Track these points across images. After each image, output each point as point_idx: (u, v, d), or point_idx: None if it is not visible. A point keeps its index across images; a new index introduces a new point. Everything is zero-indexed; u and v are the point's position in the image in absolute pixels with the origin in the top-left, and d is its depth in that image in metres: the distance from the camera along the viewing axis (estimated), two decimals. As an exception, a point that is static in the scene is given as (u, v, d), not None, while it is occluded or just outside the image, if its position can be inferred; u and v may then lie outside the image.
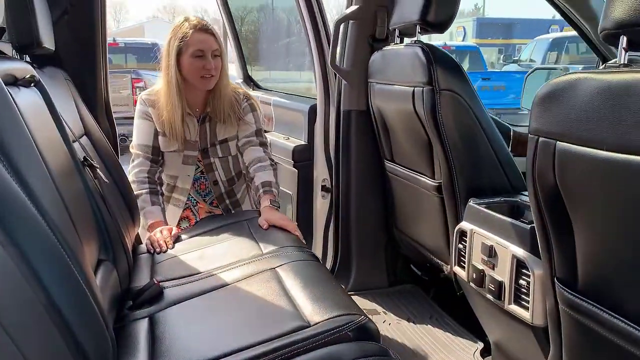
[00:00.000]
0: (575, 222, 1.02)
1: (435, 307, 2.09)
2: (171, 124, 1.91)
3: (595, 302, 1.01)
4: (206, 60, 1.88)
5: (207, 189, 2.10)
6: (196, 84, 1.91)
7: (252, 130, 2.03)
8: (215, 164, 2.04)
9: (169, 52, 1.88)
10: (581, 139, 0.93)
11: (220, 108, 1.96)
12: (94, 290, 0.97)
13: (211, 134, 2.01)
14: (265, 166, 1.97)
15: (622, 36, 0.90)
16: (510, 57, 14.80)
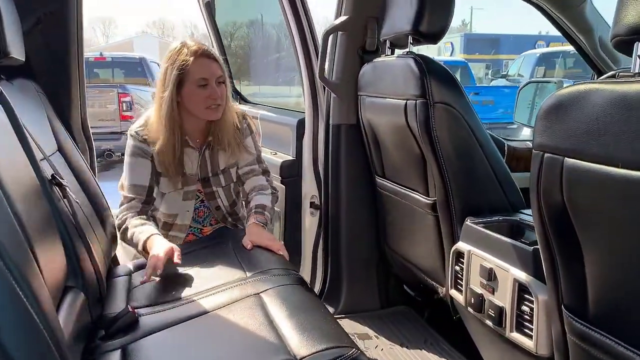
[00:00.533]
0: (585, 244, 0.94)
1: (430, 331, 1.99)
2: (172, 162, 1.75)
3: (608, 334, 0.93)
4: (211, 89, 1.71)
5: (205, 215, 1.94)
6: (201, 115, 1.75)
7: (252, 158, 1.90)
8: (218, 192, 1.90)
9: (165, 82, 1.69)
10: (593, 155, 0.85)
11: (224, 136, 1.81)
12: (52, 324, 0.86)
13: (213, 164, 1.86)
14: (265, 192, 1.88)
15: (637, 43, 0.82)
16: (499, 72, 14.92)
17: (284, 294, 1.40)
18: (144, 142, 1.75)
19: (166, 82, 1.69)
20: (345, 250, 2.19)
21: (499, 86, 11.45)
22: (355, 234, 2.18)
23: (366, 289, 2.21)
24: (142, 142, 1.75)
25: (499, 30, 37.47)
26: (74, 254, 1.21)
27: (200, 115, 1.75)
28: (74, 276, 1.21)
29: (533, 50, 13.12)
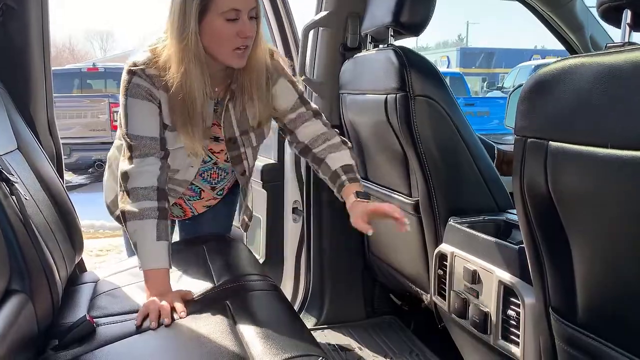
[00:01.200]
0: (573, 237, 0.84)
1: (416, 341, 1.89)
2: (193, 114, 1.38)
3: (599, 337, 0.83)
4: (242, 24, 1.31)
5: (219, 177, 1.61)
6: (223, 58, 1.35)
7: (294, 99, 1.51)
8: (246, 154, 1.55)
9: (184, 12, 1.29)
10: (579, 137, 0.76)
11: (253, 85, 1.43)
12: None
13: (241, 119, 1.48)
14: (337, 145, 1.49)
15: (626, 10, 0.74)
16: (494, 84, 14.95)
17: (253, 302, 1.30)
18: (152, 83, 1.37)
19: (185, 11, 1.30)
20: (329, 257, 2.10)
21: (494, 97, 11.44)
22: (338, 240, 2.09)
23: (350, 298, 2.11)
24: (150, 84, 1.36)
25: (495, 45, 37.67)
26: (19, 254, 1.12)
27: (221, 58, 1.36)
28: (20, 278, 1.11)
29: (528, 62, 13.16)
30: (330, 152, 1.48)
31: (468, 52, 21.48)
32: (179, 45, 1.31)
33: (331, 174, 1.46)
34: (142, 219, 1.33)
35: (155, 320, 1.21)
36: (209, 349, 1.07)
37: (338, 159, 1.47)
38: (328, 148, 1.49)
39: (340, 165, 1.45)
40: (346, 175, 1.43)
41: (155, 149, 1.38)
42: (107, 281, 1.58)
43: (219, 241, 1.73)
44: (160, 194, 1.37)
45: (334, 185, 1.46)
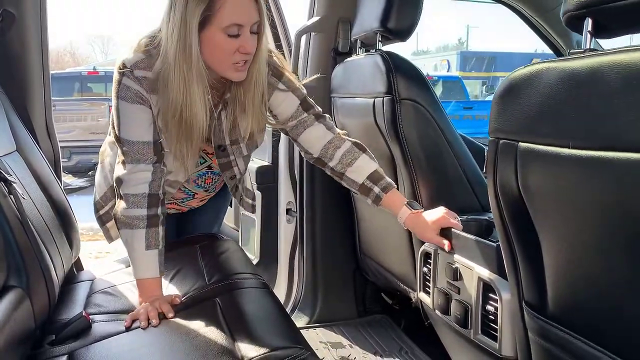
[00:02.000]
0: (542, 234, 0.89)
1: (405, 339, 1.93)
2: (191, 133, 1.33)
3: (567, 329, 0.87)
4: (244, 40, 1.26)
5: (212, 181, 1.63)
6: (223, 72, 1.31)
7: (295, 105, 1.47)
8: (236, 161, 1.54)
9: (185, 23, 1.22)
10: (544, 137, 0.81)
11: (246, 97, 1.38)
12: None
13: (233, 129, 1.45)
14: (350, 152, 1.44)
15: (587, 18, 0.78)
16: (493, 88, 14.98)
17: (242, 299, 1.34)
18: (141, 85, 1.31)
19: (187, 22, 1.22)
20: (322, 257, 2.14)
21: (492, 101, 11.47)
22: (331, 241, 2.13)
23: (343, 298, 2.15)
24: (139, 86, 1.31)
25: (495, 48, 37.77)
26: (17, 251, 1.16)
27: (219, 71, 1.32)
28: (17, 275, 1.15)
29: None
30: (348, 164, 1.43)
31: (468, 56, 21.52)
32: (179, 59, 1.24)
33: (359, 187, 1.42)
34: (131, 229, 1.34)
35: (145, 321, 1.24)
36: (197, 342, 1.12)
37: (360, 170, 1.42)
38: (342, 158, 1.44)
39: (366, 176, 1.41)
40: (378, 186, 1.40)
41: (148, 154, 1.35)
42: (103, 280, 1.62)
43: (212, 241, 1.77)
44: (152, 201, 1.36)
45: (367, 197, 1.42)
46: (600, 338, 0.80)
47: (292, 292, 2.22)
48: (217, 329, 1.17)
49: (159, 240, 1.37)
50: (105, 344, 1.21)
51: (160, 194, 1.40)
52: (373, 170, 1.42)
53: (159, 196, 1.39)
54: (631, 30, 0.78)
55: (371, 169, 1.42)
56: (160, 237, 1.37)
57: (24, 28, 1.69)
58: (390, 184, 1.41)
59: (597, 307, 0.81)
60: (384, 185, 1.40)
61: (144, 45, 1.33)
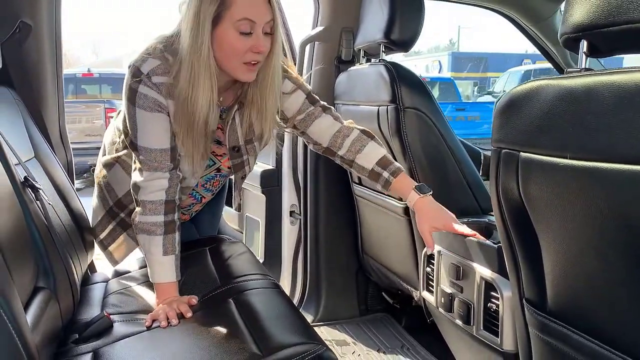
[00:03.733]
0: (542, 237, 0.96)
1: (407, 337, 2.01)
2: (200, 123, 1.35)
3: (566, 324, 0.95)
4: (256, 38, 1.28)
5: (219, 184, 1.68)
6: (232, 71, 1.33)
7: (302, 100, 1.50)
8: (248, 160, 1.57)
9: (198, 19, 1.24)
10: (544, 148, 0.88)
11: (261, 100, 1.40)
12: (19, 323, 0.87)
13: (247, 129, 1.47)
14: (359, 139, 1.47)
15: (583, 40, 0.86)
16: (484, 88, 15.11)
17: (256, 298, 1.41)
18: (159, 92, 1.33)
19: (201, 18, 1.25)
20: (325, 258, 2.21)
21: (484, 102, 11.60)
22: (334, 242, 2.20)
23: (345, 297, 2.23)
24: (157, 92, 1.33)
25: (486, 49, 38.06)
26: (45, 255, 1.22)
27: (228, 70, 1.33)
28: (45, 277, 1.21)
29: (518, 67, 13.33)
30: (357, 151, 1.46)
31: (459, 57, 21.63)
32: (191, 54, 1.27)
33: (369, 173, 1.45)
34: (149, 235, 1.38)
35: (165, 321, 1.30)
36: (218, 339, 1.18)
37: (368, 156, 1.44)
38: (351, 146, 1.46)
39: (376, 161, 1.43)
40: (387, 171, 1.42)
41: (165, 161, 1.38)
42: (117, 281, 1.69)
43: (221, 243, 1.84)
44: (168, 207, 1.40)
45: (377, 183, 1.45)
46: (597, 332, 0.88)
47: (295, 292, 2.29)
48: (236, 327, 1.23)
49: (176, 246, 1.42)
50: (128, 342, 1.27)
51: (177, 200, 1.44)
52: (382, 155, 1.44)
53: (175, 202, 1.43)
54: (621, 51, 0.86)
55: (380, 154, 1.44)
56: (176, 242, 1.42)
57: (39, 38, 1.75)
58: (399, 168, 1.43)
59: (593, 303, 0.88)
60: (393, 169, 1.42)
61: (159, 51, 1.34)
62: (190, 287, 1.53)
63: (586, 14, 0.83)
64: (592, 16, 0.82)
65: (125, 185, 1.56)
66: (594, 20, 0.82)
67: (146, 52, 1.36)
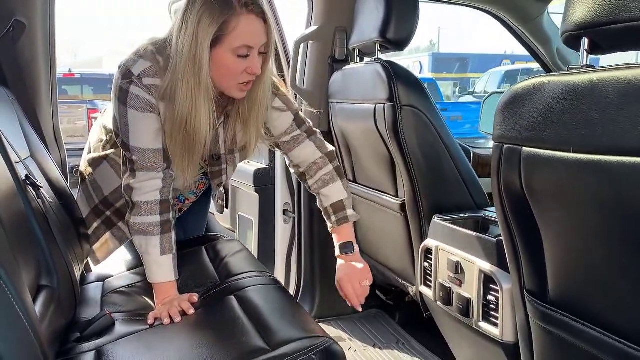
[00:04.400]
0: (544, 229, 0.99)
1: (401, 332, 2.03)
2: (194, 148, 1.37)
3: (567, 313, 0.98)
4: (252, 60, 1.29)
5: (204, 187, 1.71)
6: (226, 89, 1.35)
7: (289, 121, 1.53)
8: (227, 169, 1.59)
9: (197, 41, 1.24)
10: (547, 143, 0.91)
11: (248, 113, 1.42)
12: (32, 319, 0.87)
13: (229, 139, 1.50)
14: (329, 176, 1.54)
15: (584, 38, 0.89)
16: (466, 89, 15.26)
17: (258, 294, 1.42)
18: (150, 94, 1.33)
19: (199, 40, 1.25)
20: (319, 256, 2.23)
21: (466, 102, 11.73)
22: (328, 240, 2.19)
23: (339, 294, 2.24)
24: (148, 94, 1.33)
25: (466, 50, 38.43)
26: (48, 252, 1.22)
27: (222, 88, 1.35)
28: (48, 274, 1.21)
29: (498, 68, 13.51)
30: (323, 185, 1.54)
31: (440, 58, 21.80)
32: (188, 75, 1.27)
33: (324, 210, 1.56)
34: (146, 235, 1.38)
35: (167, 318, 1.30)
36: (224, 335, 1.19)
37: (329, 195, 1.53)
38: (321, 180, 1.54)
39: (331, 203, 1.52)
40: (335, 216, 1.52)
41: (159, 161, 1.38)
42: (115, 280, 1.68)
43: (217, 241, 1.84)
44: (163, 207, 1.41)
45: (326, 220, 1.56)
46: (599, 320, 0.91)
47: (289, 290, 2.30)
48: (239, 322, 1.24)
49: (173, 245, 1.42)
50: (131, 340, 1.27)
51: (170, 199, 1.45)
52: (339, 200, 1.53)
53: (170, 201, 1.44)
54: (621, 48, 0.89)
55: (338, 198, 1.53)
56: (173, 241, 1.43)
57: (33, 36, 1.74)
58: (347, 218, 1.52)
59: (595, 292, 0.91)
60: (341, 217, 1.52)
61: (150, 53, 1.34)
62: (189, 285, 1.53)
63: (588, 12, 0.86)
64: (594, 14, 0.85)
65: (113, 183, 1.57)
66: (595, 18, 0.85)
67: (137, 53, 1.36)
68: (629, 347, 0.84)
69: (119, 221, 1.61)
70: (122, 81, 1.33)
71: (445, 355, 1.74)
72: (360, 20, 1.77)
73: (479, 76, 15.41)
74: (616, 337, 0.88)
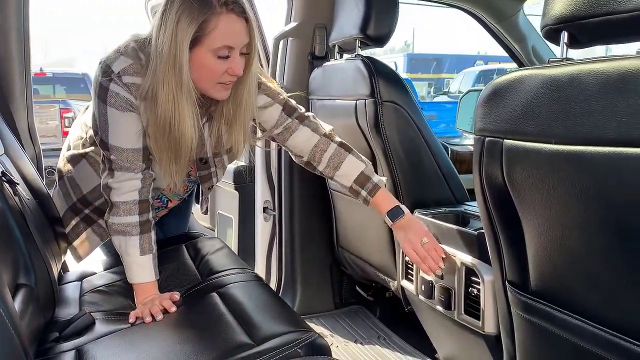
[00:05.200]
0: (525, 220, 1.01)
1: (382, 327, 2.05)
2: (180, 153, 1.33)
3: (549, 303, 1.00)
4: (233, 62, 1.26)
5: (188, 189, 1.67)
6: (207, 90, 1.32)
7: (278, 112, 1.49)
8: (216, 172, 1.56)
9: (176, 40, 1.21)
10: (529, 135, 0.93)
11: (232, 114, 1.39)
12: (13, 316, 0.85)
13: (214, 141, 1.47)
14: (337, 155, 1.48)
15: (564, 32, 0.91)
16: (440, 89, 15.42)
17: (241, 290, 1.41)
18: (130, 92, 1.30)
19: (178, 40, 1.21)
20: (300, 253, 2.23)
21: (441, 102, 11.84)
22: (309, 236, 2.22)
23: (320, 291, 2.25)
24: (128, 92, 1.30)
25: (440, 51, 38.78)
26: (26, 251, 1.19)
27: (203, 89, 1.32)
28: (26, 273, 1.19)
29: (472, 68, 13.68)
30: (335, 167, 1.48)
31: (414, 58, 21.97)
32: (169, 77, 1.24)
33: (349, 190, 1.48)
34: (124, 236, 1.36)
35: (149, 317, 1.28)
36: (209, 332, 1.18)
37: (347, 174, 1.46)
38: (329, 162, 1.48)
39: (353, 180, 1.46)
40: (364, 190, 1.45)
41: (137, 161, 1.35)
42: (93, 279, 1.65)
43: (198, 239, 1.83)
44: (142, 207, 1.38)
45: (357, 198, 1.48)
46: (581, 309, 0.93)
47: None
48: (223, 318, 1.24)
49: (152, 245, 1.40)
50: (112, 339, 1.25)
51: (150, 199, 1.42)
52: (359, 172, 1.46)
53: (149, 201, 1.42)
54: (599, 42, 0.91)
55: (357, 171, 1.46)
56: (153, 241, 1.41)
57: (7, 34, 1.70)
58: (376, 185, 1.45)
59: (577, 281, 0.93)
60: (370, 187, 1.45)
61: (131, 50, 1.31)
62: (170, 284, 1.51)
63: (567, 6, 0.88)
64: (573, 8, 0.87)
65: (92, 181, 1.54)
66: (575, 11, 0.87)
67: (118, 50, 1.32)
68: (610, 334, 0.86)
69: (98, 218, 1.58)
70: (101, 78, 1.30)
71: (427, 349, 1.76)
72: (340, 16, 1.77)
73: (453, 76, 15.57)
74: (597, 325, 0.89)
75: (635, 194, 0.77)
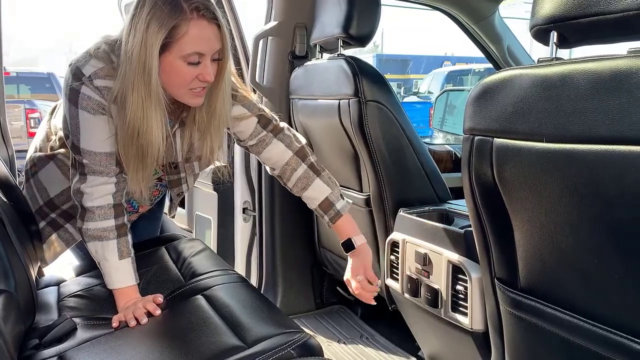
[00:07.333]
0: (515, 218, 1.02)
1: (364, 326, 2.05)
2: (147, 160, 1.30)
3: (538, 299, 1.01)
4: (204, 67, 1.24)
5: (160, 193, 1.65)
6: (180, 97, 1.30)
7: (253, 124, 1.47)
8: (186, 179, 1.56)
9: (145, 46, 1.18)
10: (520, 133, 0.94)
11: (205, 121, 1.36)
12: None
13: (186, 148, 1.45)
14: (306, 177, 1.48)
15: (553, 32, 0.92)
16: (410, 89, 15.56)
17: (226, 292, 1.39)
18: (102, 96, 1.27)
19: (147, 46, 1.18)
20: (280, 253, 2.21)
21: (411, 102, 11.95)
22: (290, 237, 2.21)
23: (301, 291, 2.24)
24: (100, 96, 1.26)
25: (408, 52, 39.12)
26: (5, 255, 1.15)
27: (175, 96, 1.30)
28: (6, 278, 1.14)
29: (441, 69, 13.85)
30: (302, 188, 1.49)
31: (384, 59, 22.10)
32: (138, 83, 1.21)
33: (315, 211, 1.52)
34: (101, 241, 1.33)
35: (133, 320, 1.25)
36: (197, 335, 1.16)
37: (313, 197, 1.49)
38: (298, 183, 1.49)
39: (318, 204, 1.48)
40: (327, 215, 1.48)
41: (111, 165, 1.32)
42: (70, 284, 1.61)
43: (178, 241, 1.80)
44: (117, 210, 1.35)
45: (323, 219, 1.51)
46: (571, 304, 0.95)
47: (249, 289, 2.28)
48: (211, 321, 1.22)
49: (130, 248, 1.37)
50: (96, 344, 1.22)
51: (124, 202, 1.39)
52: (324, 198, 1.48)
53: (123, 204, 1.39)
54: (588, 42, 0.93)
55: (322, 196, 1.48)
56: (130, 244, 1.38)
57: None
58: (338, 212, 1.47)
59: (567, 277, 0.95)
60: (332, 214, 1.48)
61: (103, 52, 1.28)
62: (152, 287, 1.48)
63: (557, 6, 0.89)
64: (562, 8, 0.88)
65: (60, 185, 1.50)
66: (564, 12, 0.88)
67: (88, 52, 1.29)
68: (601, 329, 0.88)
69: (65, 223, 1.54)
70: (72, 81, 1.27)
71: (410, 346, 1.77)
72: (322, 16, 1.77)
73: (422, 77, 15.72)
74: (587, 320, 0.91)
75: (625, 190, 0.79)
